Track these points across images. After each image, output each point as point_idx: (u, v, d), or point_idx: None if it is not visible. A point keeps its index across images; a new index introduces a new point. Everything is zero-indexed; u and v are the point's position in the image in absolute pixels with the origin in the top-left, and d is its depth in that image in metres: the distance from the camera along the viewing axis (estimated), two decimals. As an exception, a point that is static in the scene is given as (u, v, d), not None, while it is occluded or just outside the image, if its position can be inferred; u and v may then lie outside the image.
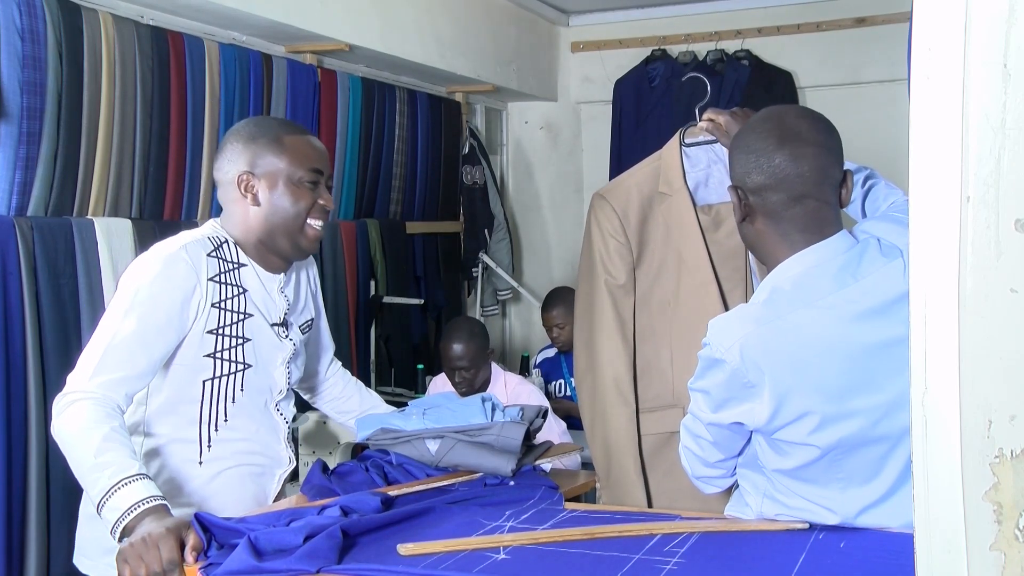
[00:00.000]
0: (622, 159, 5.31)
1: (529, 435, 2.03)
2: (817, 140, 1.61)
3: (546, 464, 2.09)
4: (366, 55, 3.96)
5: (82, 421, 1.71)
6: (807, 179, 1.60)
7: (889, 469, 1.59)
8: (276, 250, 1.97)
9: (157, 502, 1.62)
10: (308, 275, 2.16)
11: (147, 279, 1.82)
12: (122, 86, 2.88)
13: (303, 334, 2.09)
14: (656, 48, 5.27)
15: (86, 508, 1.93)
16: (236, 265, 1.93)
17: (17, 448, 2.56)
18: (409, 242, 4.46)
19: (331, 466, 2.05)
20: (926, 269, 0.96)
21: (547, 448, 2.11)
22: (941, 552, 0.95)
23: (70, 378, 1.79)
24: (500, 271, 4.98)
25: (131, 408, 1.86)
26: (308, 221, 1.94)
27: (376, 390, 3.82)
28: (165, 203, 3.11)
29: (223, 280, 1.89)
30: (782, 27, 5.09)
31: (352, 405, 2.31)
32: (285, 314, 2.02)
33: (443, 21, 4.32)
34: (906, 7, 1.15)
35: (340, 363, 2.37)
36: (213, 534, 1.57)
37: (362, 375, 3.72)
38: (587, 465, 3.33)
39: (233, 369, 1.91)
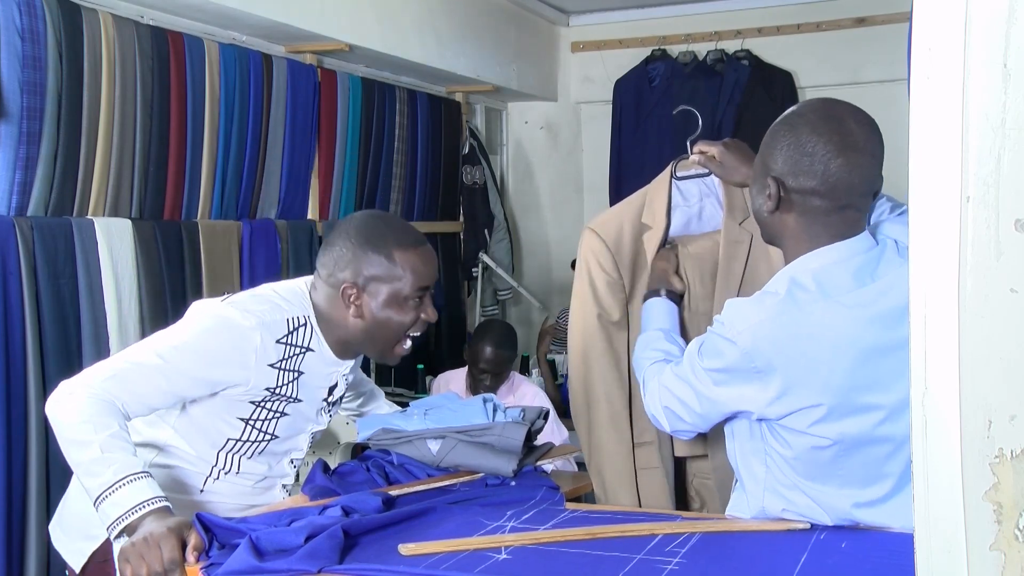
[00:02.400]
0: (622, 159, 5.31)
1: (530, 436, 2.03)
2: (872, 151, 1.59)
3: (547, 465, 2.09)
4: (366, 55, 3.95)
5: (90, 412, 1.67)
6: (855, 190, 1.59)
7: (891, 471, 1.59)
8: (362, 350, 1.95)
9: (161, 503, 1.61)
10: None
11: (211, 332, 1.77)
12: (122, 86, 2.88)
13: (330, 415, 2.07)
14: (656, 48, 5.27)
15: (76, 486, 1.88)
16: (303, 350, 1.86)
17: (17, 448, 2.56)
18: (409, 242, 4.45)
19: (332, 466, 2.05)
20: (926, 269, 0.96)
21: (548, 449, 2.11)
22: (941, 552, 0.95)
23: (85, 372, 1.74)
24: (500, 271, 4.98)
25: (152, 420, 1.86)
26: (408, 334, 1.90)
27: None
28: (165, 203, 3.11)
29: (282, 367, 1.83)
30: (782, 27, 5.09)
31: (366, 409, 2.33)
32: (339, 395, 2.01)
33: (443, 21, 4.32)
34: (906, 7, 1.15)
35: (373, 384, 2.38)
36: (215, 534, 1.57)
37: (362, 375, 3.72)
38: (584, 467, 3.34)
39: (261, 438, 1.90)
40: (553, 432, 3.28)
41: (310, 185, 3.82)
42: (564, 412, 3.50)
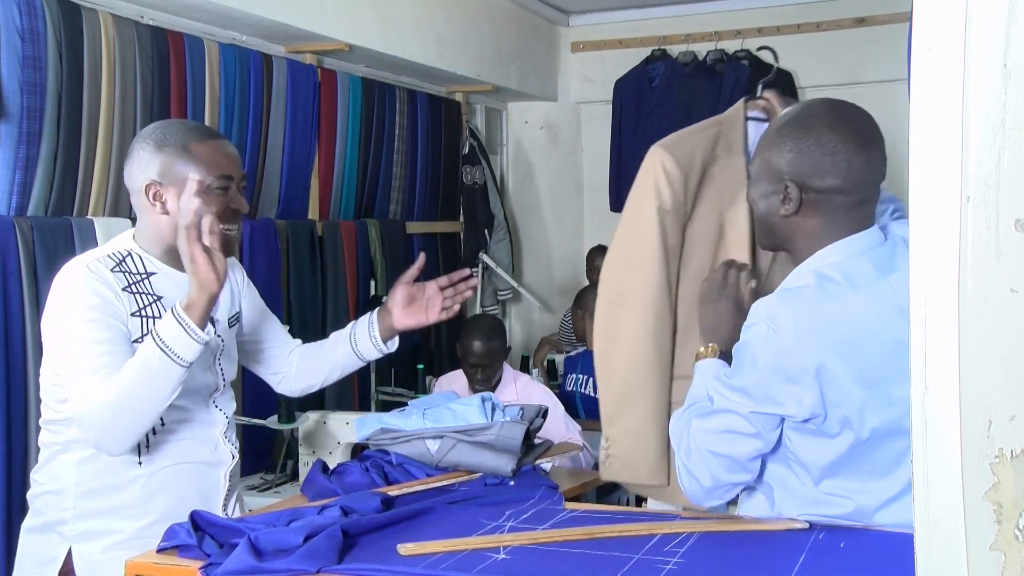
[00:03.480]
0: (622, 159, 5.31)
1: (529, 435, 2.03)
2: (881, 143, 1.63)
3: (546, 464, 2.09)
4: (366, 55, 3.96)
5: (109, 386, 1.74)
6: (874, 184, 1.63)
7: (906, 464, 1.59)
8: None
9: (175, 305, 1.76)
10: (231, 273, 2.08)
11: (73, 301, 1.81)
12: (122, 86, 2.88)
13: (230, 328, 2.07)
14: (656, 48, 5.27)
15: (27, 524, 1.99)
16: (144, 275, 1.91)
17: (17, 448, 2.56)
18: (409, 242, 4.46)
19: (331, 466, 2.05)
20: (926, 269, 0.96)
21: (547, 448, 2.11)
22: (941, 552, 0.95)
23: (88, 397, 1.76)
24: (500, 271, 4.98)
25: (67, 417, 1.85)
26: (220, 227, 1.87)
27: (376, 390, 3.85)
28: (165, 203, 3.10)
29: (135, 290, 1.88)
30: (782, 27, 5.09)
31: (319, 367, 2.25)
32: (226, 316, 2.02)
33: (443, 21, 4.32)
34: (906, 7, 1.15)
35: (299, 342, 2.30)
36: (212, 534, 1.57)
37: (362, 375, 3.72)
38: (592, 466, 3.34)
39: None
40: (569, 429, 3.28)
41: (310, 185, 3.82)
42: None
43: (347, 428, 2.61)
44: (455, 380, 3.52)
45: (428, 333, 4.57)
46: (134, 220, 2.90)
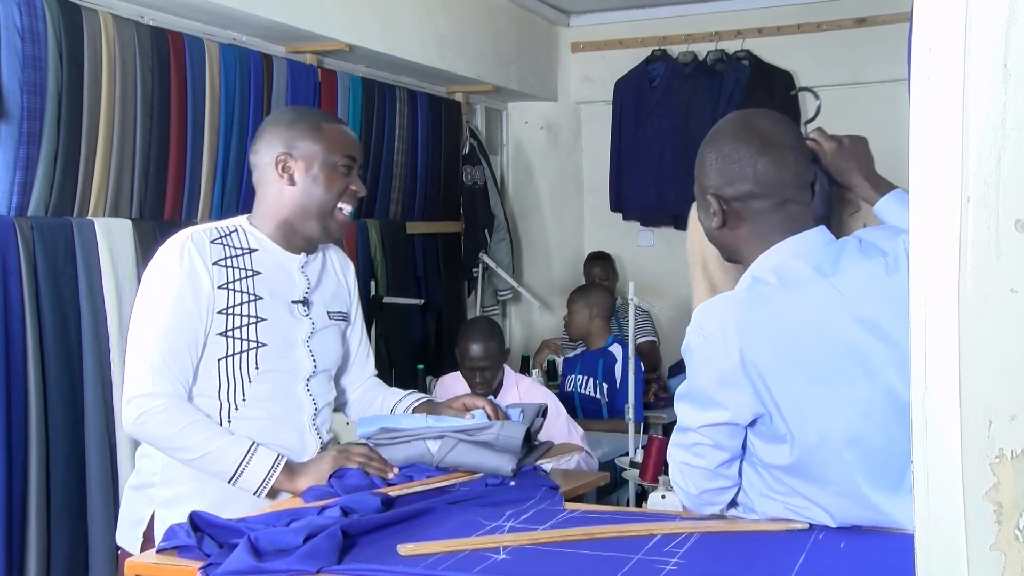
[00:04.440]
0: (622, 159, 5.32)
1: (529, 435, 2.03)
2: (792, 143, 1.66)
3: (546, 464, 2.09)
4: (366, 55, 3.96)
5: (171, 420, 1.86)
6: (789, 184, 1.64)
7: (867, 473, 1.58)
8: (303, 231, 2.03)
9: (283, 459, 1.89)
10: (342, 270, 2.19)
11: (162, 273, 1.91)
12: (122, 86, 2.88)
13: (331, 320, 2.10)
14: (656, 48, 5.27)
15: (130, 481, 2.06)
16: (246, 251, 1.99)
17: (17, 448, 2.56)
18: (409, 242, 4.46)
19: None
20: (926, 269, 0.96)
21: (548, 448, 2.11)
22: (941, 552, 0.95)
23: (130, 385, 1.89)
24: (500, 271, 4.98)
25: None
26: (339, 205, 2.02)
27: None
28: (165, 203, 3.11)
29: (229, 264, 1.95)
30: (782, 27, 5.09)
31: (373, 406, 2.27)
32: (305, 293, 2.04)
33: (443, 21, 4.32)
34: (906, 7, 1.15)
35: (375, 379, 2.32)
36: (212, 534, 1.57)
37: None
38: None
39: (246, 348, 1.94)
40: (571, 433, 3.27)
41: (310, 185, 3.82)
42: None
43: (348, 428, 2.61)
44: (456, 381, 3.52)
45: (428, 334, 4.57)
46: (135, 220, 2.92)
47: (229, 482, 1.88)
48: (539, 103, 5.53)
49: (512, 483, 1.91)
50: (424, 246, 4.60)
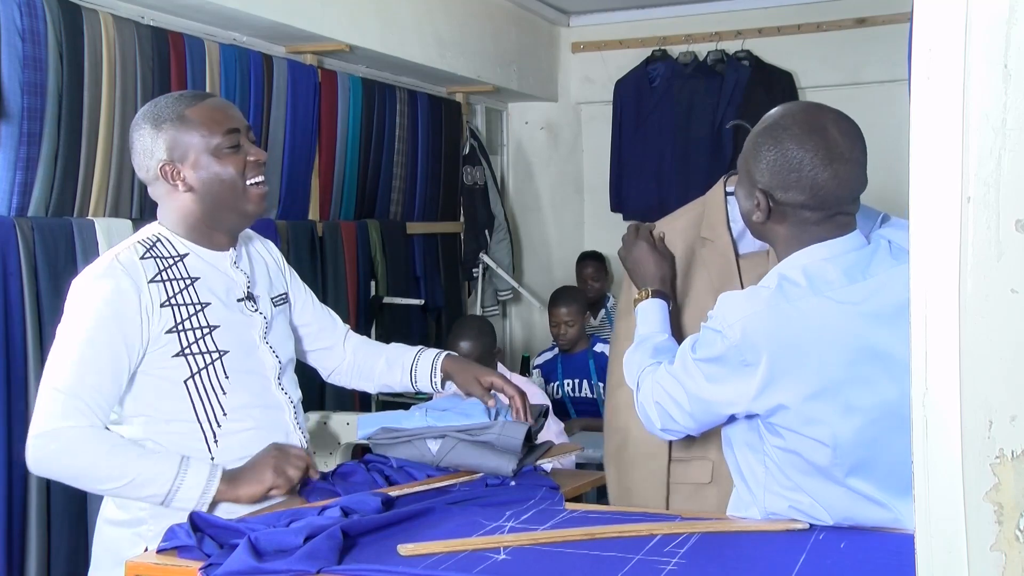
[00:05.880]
0: (622, 159, 5.31)
1: (530, 435, 2.03)
2: (857, 158, 1.60)
3: (547, 464, 2.08)
4: (366, 55, 3.96)
5: (85, 448, 1.74)
6: (843, 199, 1.60)
7: (882, 475, 1.59)
8: (224, 226, 1.92)
9: (219, 468, 1.78)
10: (266, 250, 2.10)
11: (88, 299, 1.78)
12: (122, 86, 2.88)
13: (276, 305, 2.03)
14: (656, 48, 5.27)
15: (102, 515, 1.91)
16: (176, 258, 1.87)
17: (17, 449, 2.55)
18: (409, 242, 4.46)
19: (331, 467, 2.05)
20: (926, 269, 0.96)
21: (548, 448, 2.11)
22: (941, 552, 0.95)
23: (36, 420, 1.76)
24: (500, 271, 4.98)
25: (124, 416, 1.84)
26: (247, 183, 1.89)
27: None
28: (165, 203, 3.10)
29: (165, 277, 1.83)
30: (782, 27, 5.09)
31: (378, 367, 2.22)
32: (247, 287, 1.96)
33: (443, 21, 4.32)
34: (906, 7, 1.15)
35: (355, 335, 2.27)
36: (212, 534, 1.57)
37: (362, 375, 3.71)
38: (581, 466, 3.34)
39: (209, 361, 1.85)
40: (559, 433, 3.28)
41: (310, 185, 3.82)
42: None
43: (348, 428, 2.61)
44: None
45: (428, 334, 4.56)
46: (135, 221, 2.92)
47: (163, 503, 1.74)
48: (539, 103, 5.53)
49: (512, 483, 1.91)
50: (424, 246, 4.59)
